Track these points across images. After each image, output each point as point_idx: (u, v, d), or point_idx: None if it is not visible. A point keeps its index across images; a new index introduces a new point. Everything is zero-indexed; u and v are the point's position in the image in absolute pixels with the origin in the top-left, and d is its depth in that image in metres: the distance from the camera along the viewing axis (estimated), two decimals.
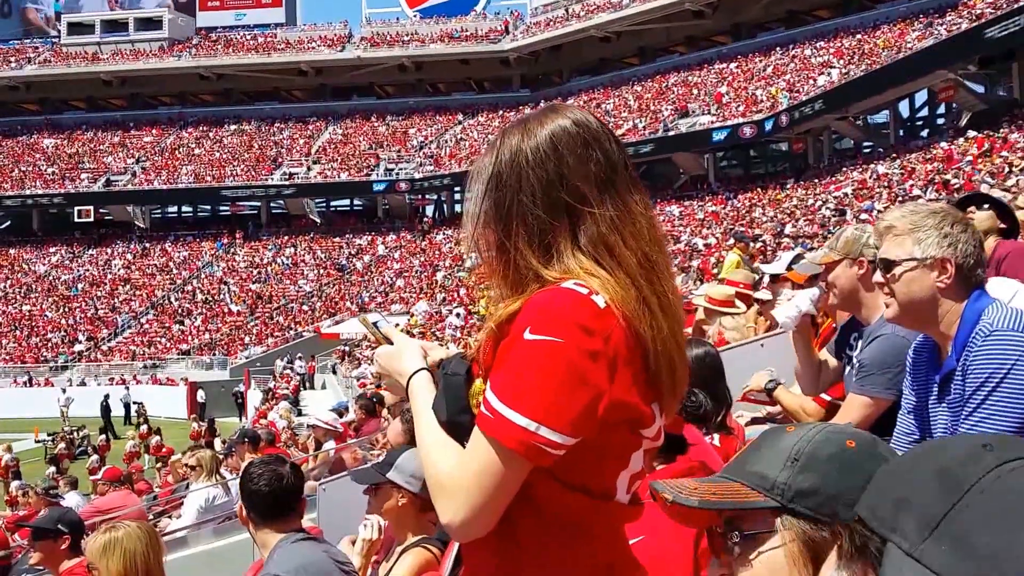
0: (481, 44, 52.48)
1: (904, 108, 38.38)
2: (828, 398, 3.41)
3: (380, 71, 53.51)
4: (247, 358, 37.60)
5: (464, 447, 1.43)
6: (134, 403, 32.72)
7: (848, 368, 3.25)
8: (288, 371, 32.61)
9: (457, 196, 50.45)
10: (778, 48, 41.83)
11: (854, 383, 3.07)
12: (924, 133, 36.90)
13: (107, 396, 32.27)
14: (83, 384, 37.42)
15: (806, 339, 3.54)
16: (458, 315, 32.62)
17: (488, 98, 52.80)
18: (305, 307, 42.49)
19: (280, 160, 50.87)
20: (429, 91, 54.85)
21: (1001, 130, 25.92)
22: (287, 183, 49.51)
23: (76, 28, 56.73)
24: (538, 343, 1.35)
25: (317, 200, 50.99)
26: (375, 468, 3.25)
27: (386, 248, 47.06)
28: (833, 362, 3.51)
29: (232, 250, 49.19)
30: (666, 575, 2.04)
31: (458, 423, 1.46)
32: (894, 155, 30.41)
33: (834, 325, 3.74)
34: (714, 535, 1.23)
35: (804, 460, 1.17)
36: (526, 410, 1.33)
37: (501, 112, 49.09)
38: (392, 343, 1.65)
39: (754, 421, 3.86)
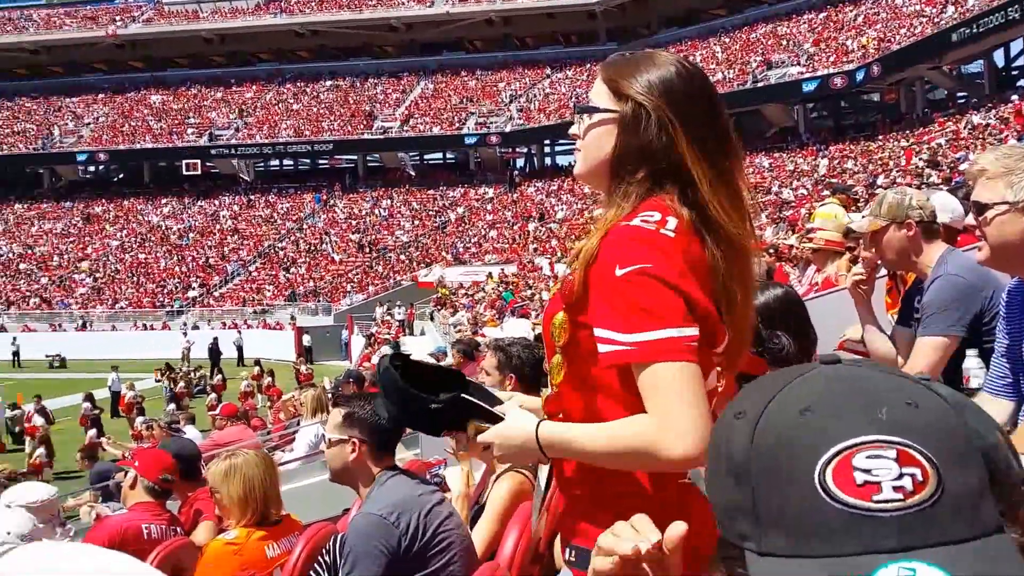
0: None
1: (999, 57, 37.66)
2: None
3: (468, 26, 54.18)
4: (349, 305, 39.12)
5: (436, 425, 1.70)
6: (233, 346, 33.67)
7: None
8: (388, 317, 33.72)
9: (547, 149, 51.36)
10: None
11: (920, 329, 3.13)
12: (1021, 83, 36.29)
13: (216, 339, 33.60)
14: (196, 328, 39.02)
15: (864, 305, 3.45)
16: (548, 265, 33.63)
17: (575, 51, 52.98)
18: (403, 256, 43.89)
19: (374, 114, 52.37)
20: (517, 45, 55.27)
21: None
22: (382, 137, 51.00)
23: None
24: (631, 274, 1.47)
25: (411, 153, 52.28)
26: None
27: (479, 200, 48.28)
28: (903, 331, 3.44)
29: (332, 202, 51.01)
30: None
31: (427, 410, 1.66)
32: (988, 105, 30.22)
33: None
34: None
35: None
36: (659, 324, 1.44)
37: (588, 66, 49.21)
38: (495, 420, 1.68)
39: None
